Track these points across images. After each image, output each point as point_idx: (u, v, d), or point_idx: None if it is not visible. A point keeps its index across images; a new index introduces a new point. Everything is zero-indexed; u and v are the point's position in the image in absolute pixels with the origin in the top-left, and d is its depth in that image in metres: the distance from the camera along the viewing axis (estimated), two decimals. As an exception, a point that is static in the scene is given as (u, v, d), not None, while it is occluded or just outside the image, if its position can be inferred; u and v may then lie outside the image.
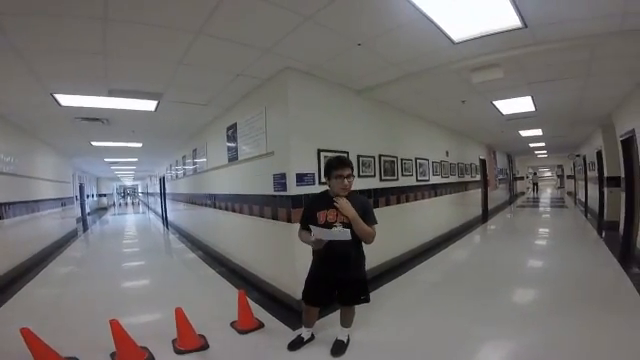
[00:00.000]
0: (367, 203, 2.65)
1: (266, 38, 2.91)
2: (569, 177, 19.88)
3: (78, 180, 14.37)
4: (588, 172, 11.19)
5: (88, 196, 17.97)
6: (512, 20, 2.77)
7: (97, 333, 2.88)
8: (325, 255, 2.54)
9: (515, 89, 4.83)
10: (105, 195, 25.36)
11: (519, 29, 2.88)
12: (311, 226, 2.42)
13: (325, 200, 2.55)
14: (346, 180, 2.46)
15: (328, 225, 2.45)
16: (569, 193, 19.15)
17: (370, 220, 2.52)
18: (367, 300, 2.65)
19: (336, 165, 2.50)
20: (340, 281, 2.58)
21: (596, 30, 2.91)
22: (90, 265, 6.29)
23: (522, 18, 2.73)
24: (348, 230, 2.31)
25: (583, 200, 12.41)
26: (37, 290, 4.64)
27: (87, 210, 16.60)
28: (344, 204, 2.43)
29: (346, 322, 2.75)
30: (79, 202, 14.33)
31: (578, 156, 13.49)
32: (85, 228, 12.64)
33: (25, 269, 5.65)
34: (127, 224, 14.06)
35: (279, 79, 3.68)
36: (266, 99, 3.96)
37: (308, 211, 2.63)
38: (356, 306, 2.71)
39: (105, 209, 23.36)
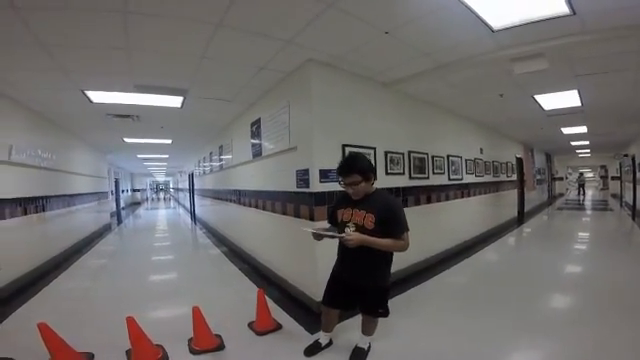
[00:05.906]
0: (390, 209, 2.25)
1: (287, 28, 2.78)
2: (613, 178, 18.67)
3: (114, 176, 14.97)
4: (638, 173, 10.34)
5: (123, 191, 18.74)
6: (559, 7, 2.51)
7: (116, 329, 2.84)
8: (340, 256, 2.46)
9: (560, 82, 4.44)
10: (139, 190, 26.42)
11: (567, 16, 2.61)
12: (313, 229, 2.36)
13: (347, 199, 2.39)
14: (350, 188, 2.29)
15: (343, 224, 2.32)
16: (613, 195, 17.97)
17: (393, 232, 2.20)
18: (385, 314, 2.44)
19: (339, 172, 2.32)
20: (355, 286, 2.39)
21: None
22: (119, 259, 6.45)
23: (570, 5, 2.46)
24: (343, 235, 2.21)
25: (630, 203, 11.49)
26: (66, 283, 4.74)
27: (122, 205, 17.30)
28: (348, 240, 2.17)
29: (367, 330, 2.57)
30: (114, 197, 14.93)
31: (626, 155, 12.50)
32: (119, 222, 13.13)
33: (58, 261, 5.85)
34: (158, 219, 14.48)
35: (302, 72, 3.55)
36: (289, 93, 3.84)
37: (333, 209, 2.52)
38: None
39: (139, 204, 24.32)
